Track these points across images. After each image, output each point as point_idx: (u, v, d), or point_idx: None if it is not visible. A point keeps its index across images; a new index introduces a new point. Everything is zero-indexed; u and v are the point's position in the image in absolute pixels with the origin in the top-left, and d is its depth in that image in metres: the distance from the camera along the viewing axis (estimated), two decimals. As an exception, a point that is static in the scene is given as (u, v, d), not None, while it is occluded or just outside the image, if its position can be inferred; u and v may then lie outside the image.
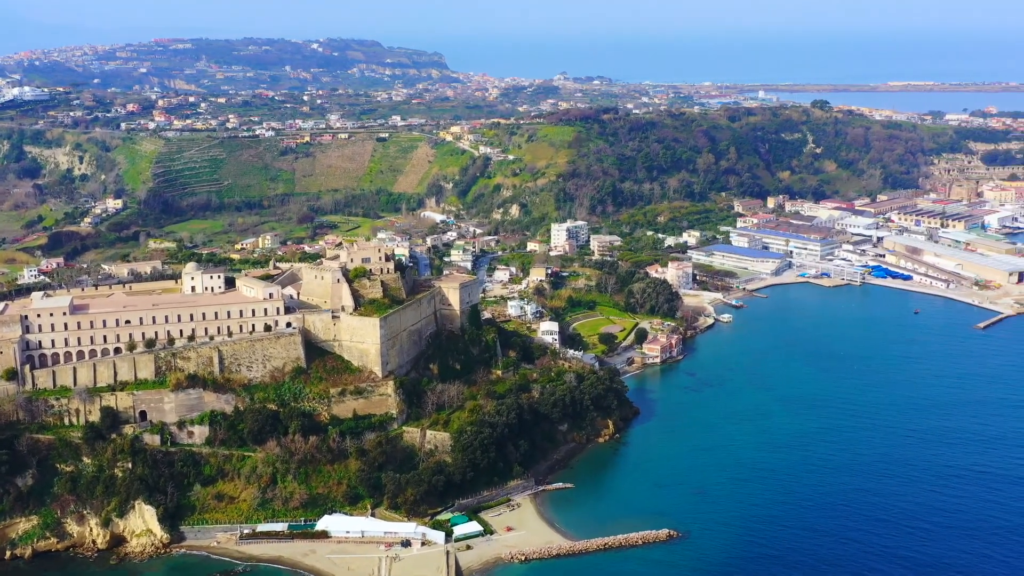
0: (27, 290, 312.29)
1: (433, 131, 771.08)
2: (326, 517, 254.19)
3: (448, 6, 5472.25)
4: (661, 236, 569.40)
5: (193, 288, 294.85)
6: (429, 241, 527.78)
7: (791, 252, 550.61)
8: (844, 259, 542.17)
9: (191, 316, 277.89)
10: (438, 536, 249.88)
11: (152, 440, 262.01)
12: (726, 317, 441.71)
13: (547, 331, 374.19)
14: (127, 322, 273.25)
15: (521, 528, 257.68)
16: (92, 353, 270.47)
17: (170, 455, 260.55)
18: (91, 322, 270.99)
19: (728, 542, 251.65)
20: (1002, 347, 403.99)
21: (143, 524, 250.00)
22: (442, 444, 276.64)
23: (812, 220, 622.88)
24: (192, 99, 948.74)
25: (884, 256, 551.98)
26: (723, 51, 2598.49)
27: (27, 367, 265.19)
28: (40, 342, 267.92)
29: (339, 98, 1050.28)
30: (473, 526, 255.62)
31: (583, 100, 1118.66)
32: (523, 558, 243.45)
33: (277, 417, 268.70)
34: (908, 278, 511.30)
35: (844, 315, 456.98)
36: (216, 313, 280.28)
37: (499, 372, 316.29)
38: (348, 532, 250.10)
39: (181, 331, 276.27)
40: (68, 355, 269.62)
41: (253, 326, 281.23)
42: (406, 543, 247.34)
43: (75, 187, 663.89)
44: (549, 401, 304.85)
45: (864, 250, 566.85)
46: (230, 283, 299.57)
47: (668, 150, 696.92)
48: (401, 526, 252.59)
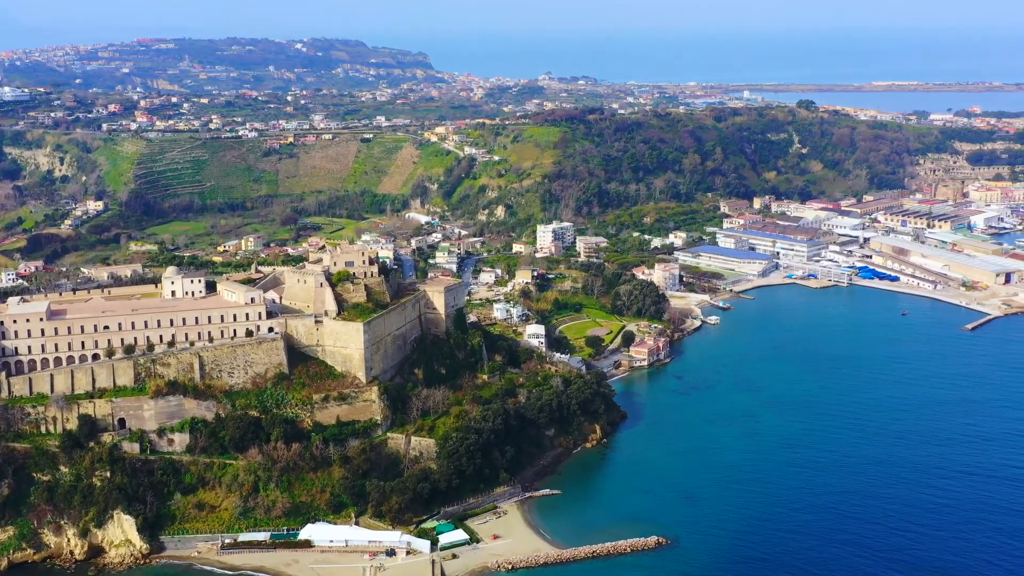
0: (4, 294, 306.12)
1: (418, 132, 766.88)
2: (309, 526, 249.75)
3: (433, 5, 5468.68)
4: (647, 237, 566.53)
5: (173, 293, 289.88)
6: (414, 243, 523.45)
7: (778, 253, 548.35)
8: (831, 260, 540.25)
9: (171, 321, 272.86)
10: (423, 545, 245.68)
11: (131, 448, 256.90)
12: (713, 319, 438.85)
13: (533, 334, 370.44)
14: (106, 328, 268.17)
15: (508, 536, 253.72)
16: (70, 360, 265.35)
17: (149, 463, 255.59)
18: (68, 328, 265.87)
19: (718, 549, 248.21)
20: (990, 348, 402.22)
21: (122, 534, 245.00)
22: (427, 450, 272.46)
23: (799, 221, 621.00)
24: (175, 99, 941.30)
25: (871, 257, 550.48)
26: (708, 51, 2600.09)
27: (3, 374, 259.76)
28: (16, 348, 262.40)
29: (323, 98, 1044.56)
30: (459, 534, 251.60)
31: (568, 100, 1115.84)
32: (510, 567, 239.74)
33: (259, 424, 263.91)
34: (895, 279, 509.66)
35: (832, 317, 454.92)
36: (196, 318, 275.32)
37: (485, 376, 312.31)
38: (332, 541, 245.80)
39: (161, 337, 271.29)
40: (45, 362, 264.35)
41: (235, 331, 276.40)
42: (391, 552, 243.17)
43: (56, 189, 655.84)
44: (536, 406, 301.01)
45: (851, 251, 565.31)
46: (211, 287, 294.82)
47: (654, 150, 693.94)
48: (386, 535, 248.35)
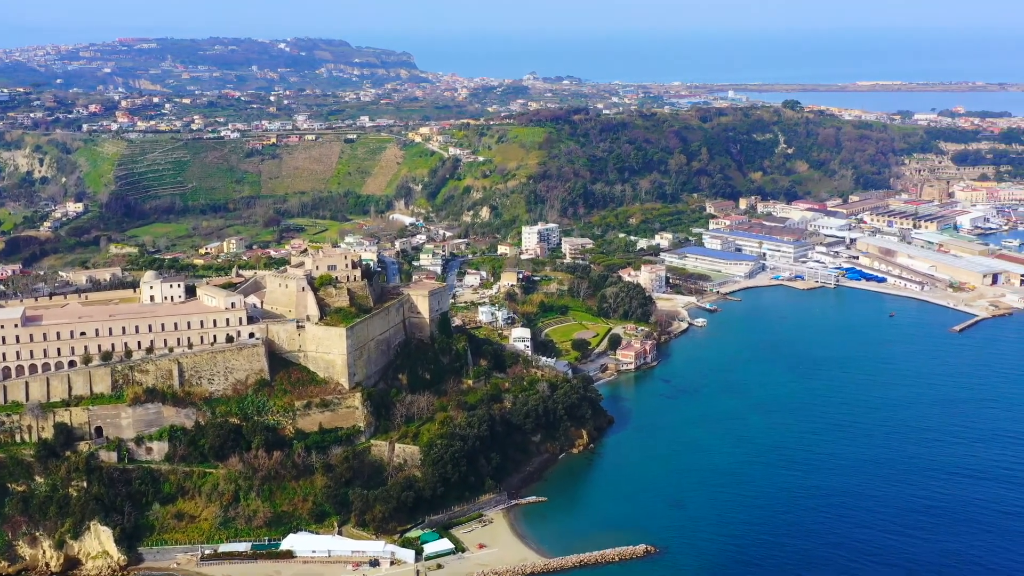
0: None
1: (402, 132, 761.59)
2: (291, 536, 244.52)
3: (417, 5, 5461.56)
4: (633, 238, 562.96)
5: (152, 298, 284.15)
6: (398, 245, 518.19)
7: (764, 254, 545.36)
8: (818, 261, 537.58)
9: (149, 327, 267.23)
10: (408, 555, 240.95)
11: (108, 457, 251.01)
12: (700, 321, 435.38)
13: (519, 338, 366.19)
14: (82, 334, 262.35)
15: (494, 545, 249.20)
16: (45, 367, 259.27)
17: (127, 473, 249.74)
18: (44, 334, 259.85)
19: (707, 557, 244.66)
20: (979, 350, 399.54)
21: (99, 546, 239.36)
22: (411, 458, 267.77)
23: (785, 221, 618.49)
24: (156, 100, 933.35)
25: (858, 258, 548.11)
26: (692, 51, 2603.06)
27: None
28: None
29: (306, 98, 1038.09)
30: (444, 543, 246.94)
31: (553, 100, 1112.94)
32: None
33: (240, 432, 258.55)
34: (882, 280, 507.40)
35: (819, 318, 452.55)
36: (176, 324, 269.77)
37: (470, 382, 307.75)
38: (314, 551, 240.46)
39: (139, 343, 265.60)
40: (20, 369, 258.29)
41: (214, 337, 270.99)
42: (374, 562, 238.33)
43: (35, 190, 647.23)
44: (521, 411, 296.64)
45: (837, 252, 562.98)
46: (191, 292, 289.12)
47: (639, 151, 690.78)
48: (369, 544, 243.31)
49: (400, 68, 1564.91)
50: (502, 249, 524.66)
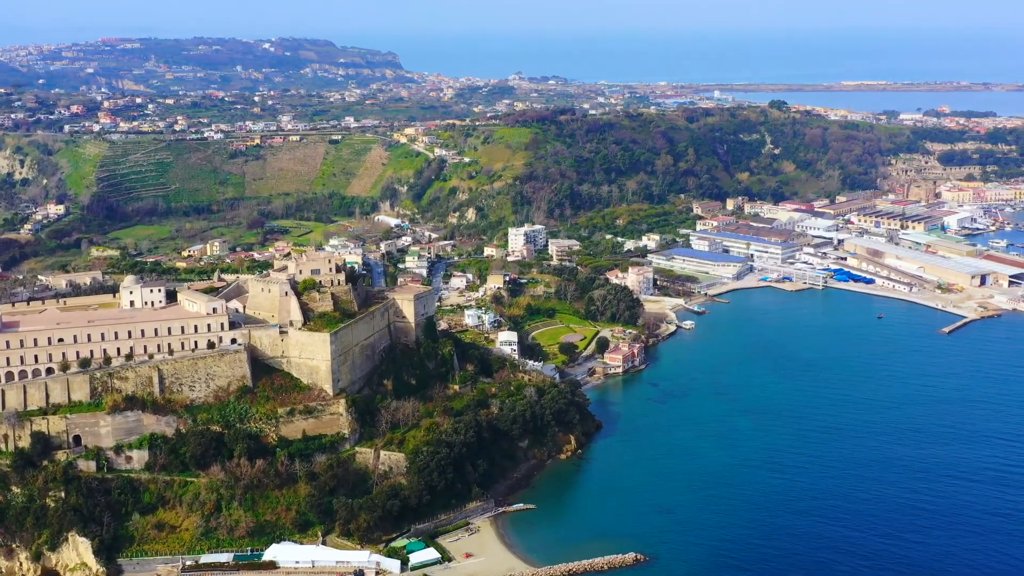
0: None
1: (387, 133, 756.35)
2: (274, 546, 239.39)
3: (403, 5, 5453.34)
4: (620, 240, 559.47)
5: (132, 303, 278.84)
6: (383, 247, 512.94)
7: (752, 255, 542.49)
8: (806, 262, 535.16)
9: (129, 333, 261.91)
10: (393, 565, 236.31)
11: (87, 466, 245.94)
12: (688, 324, 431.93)
13: (506, 341, 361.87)
14: (60, 340, 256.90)
15: (481, 554, 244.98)
16: (22, 374, 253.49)
17: (106, 482, 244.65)
18: (21, 341, 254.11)
19: (698, 565, 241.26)
20: (969, 353, 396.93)
21: (77, 557, 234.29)
22: (397, 465, 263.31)
23: (772, 222, 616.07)
24: (139, 100, 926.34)
25: (845, 259, 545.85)
26: (677, 50, 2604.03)
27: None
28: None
29: (291, 99, 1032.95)
30: (430, 553, 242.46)
31: (539, 100, 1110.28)
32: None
33: (221, 440, 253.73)
34: (870, 281, 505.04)
35: (808, 320, 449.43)
36: (156, 330, 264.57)
37: (456, 387, 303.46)
38: (297, 562, 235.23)
39: (118, 349, 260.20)
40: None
41: (196, 343, 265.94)
42: (359, 573, 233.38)
43: (15, 192, 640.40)
44: (509, 417, 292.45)
45: (825, 253, 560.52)
46: (171, 297, 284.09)
47: (626, 152, 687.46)
48: (354, 555, 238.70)
49: (385, 68, 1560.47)
50: (488, 251, 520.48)
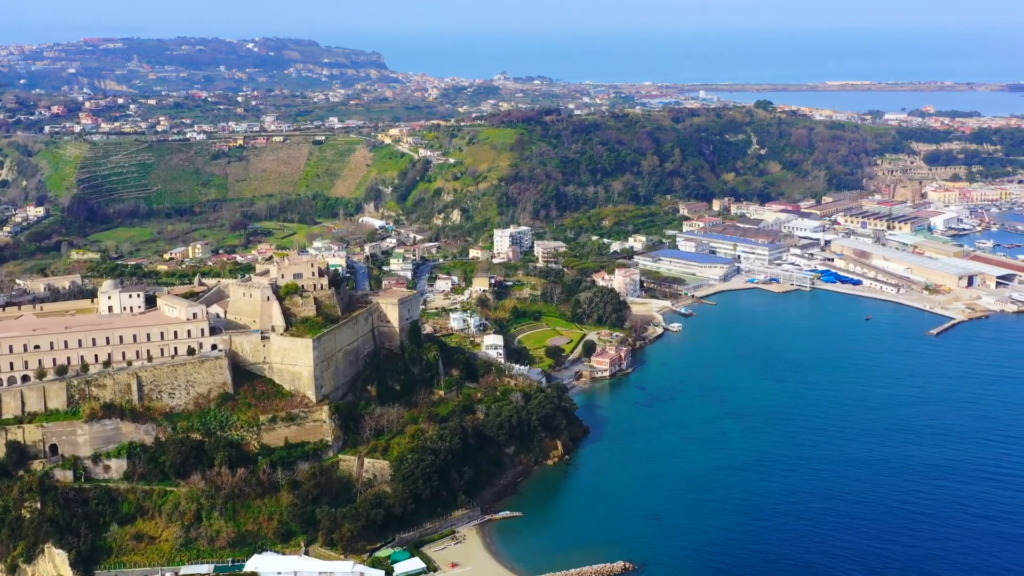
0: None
1: (371, 133, 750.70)
2: (256, 557, 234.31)
3: (387, 4, 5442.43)
4: (606, 241, 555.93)
5: (110, 308, 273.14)
6: (367, 249, 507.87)
7: (739, 257, 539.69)
8: (793, 263, 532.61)
9: (107, 339, 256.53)
10: (377, 575, 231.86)
11: (64, 476, 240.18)
12: (675, 326, 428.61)
13: (491, 345, 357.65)
14: (36, 347, 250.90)
15: (467, 563, 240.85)
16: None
17: (84, 492, 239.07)
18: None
19: (686, 573, 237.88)
20: (958, 355, 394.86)
21: (53, 570, 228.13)
22: (381, 473, 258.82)
23: (759, 223, 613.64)
24: (121, 101, 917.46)
25: (832, 260, 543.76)
26: (662, 51, 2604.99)
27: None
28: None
29: (275, 99, 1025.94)
30: (415, 563, 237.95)
31: (524, 100, 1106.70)
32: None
33: (202, 448, 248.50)
34: (858, 283, 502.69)
35: (795, 322, 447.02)
36: (135, 336, 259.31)
37: (441, 392, 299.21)
38: (280, 573, 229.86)
39: (96, 356, 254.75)
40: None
41: (175, 349, 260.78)
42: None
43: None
44: (495, 423, 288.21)
45: (812, 254, 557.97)
46: (151, 302, 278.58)
47: (612, 152, 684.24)
48: (337, 565, 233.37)
49: (370, 68, 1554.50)
50: (474, 253, 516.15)
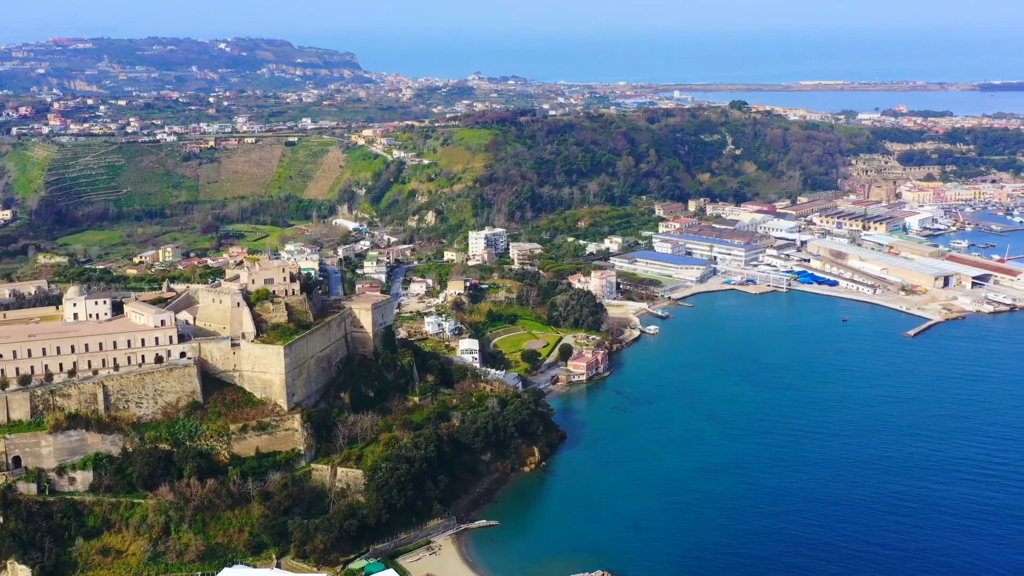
0: None
1: (345, 134, 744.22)
2: (226, 570, 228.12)
3: (361, 4, 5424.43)
4: (582, 242, 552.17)
5: (75, 316, 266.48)
6: (341, 252, 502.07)
7: (715, 258, 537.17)
8: (769, 264, 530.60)
9: (72, 348, 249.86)
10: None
11: (27, 489, 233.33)
12: (652, 329, 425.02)
13: (467, 349, 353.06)
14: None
15: (442, 574, 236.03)
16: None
17: (48, 506, 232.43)
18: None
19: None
20: (935, 356, 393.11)
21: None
22: (354, 482, 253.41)
23: (735, 224, 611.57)
24: (90, 101, 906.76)
25: (809, 261, 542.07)
26: (635, 50, 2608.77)
27: None
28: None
29: (247, 99, 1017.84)
30: (390, 574, 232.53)
31: (498, 100, 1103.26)
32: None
33: (170, 458, 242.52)
34: (834, 284, 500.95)
35: (772, 324, 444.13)
36: (101, 344, 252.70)
37: (416, 399, 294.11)
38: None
39: (61, 365, 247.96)
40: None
41: (143, 357, 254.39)
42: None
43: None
44: (470, 430, 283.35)
45: (788, 254, 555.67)
46: (117, 309, 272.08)
47: (587, 153, 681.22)
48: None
49: (343, 68, 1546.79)
50: (448, 255, 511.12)
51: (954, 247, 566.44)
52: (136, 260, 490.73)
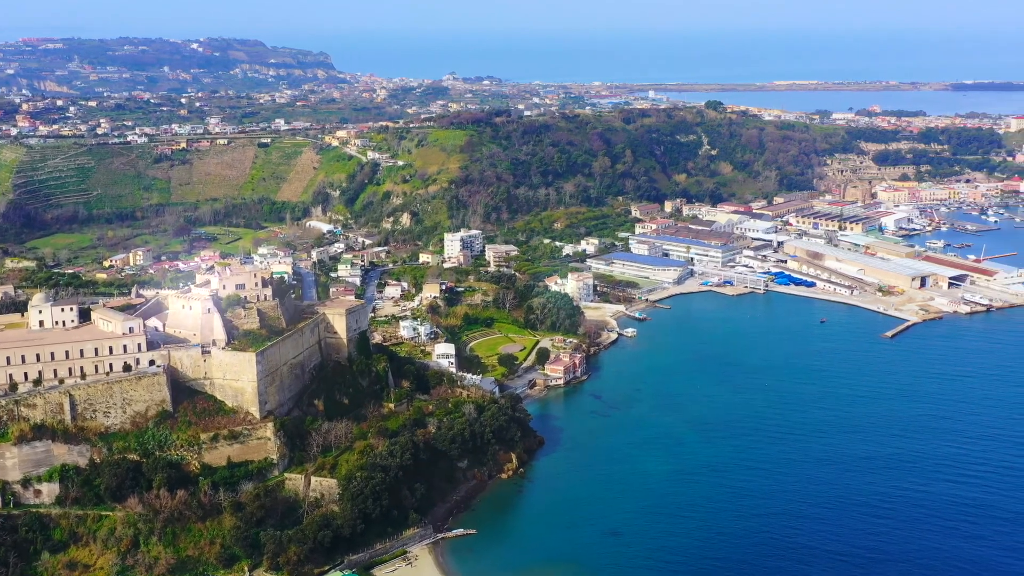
0: None
1: (319, 135, 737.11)
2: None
3: (334, 4, 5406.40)
4: (559, 244, 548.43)
5: (41, 323, 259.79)
6: (315, 254, 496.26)
7: (692, 259, 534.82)
8: (746, 266, 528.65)
9: (37, 356, 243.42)
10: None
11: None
12: (630, 331, 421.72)
13: (443, 354, 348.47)
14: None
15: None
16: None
17: (12, 519, 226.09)
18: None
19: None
20: (913, 357, 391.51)
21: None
22: (329, 492, 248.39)
23: (711, 225, 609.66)
24: (60, 103, 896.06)
25: (786, 262, 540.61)
26: (611, 51, 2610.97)
27: None
28: None
29: (219, 100, 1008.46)
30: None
31: (473, 101, 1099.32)
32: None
33: (139, 469, 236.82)
34: (811, 285, 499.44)
35: (750, 326, 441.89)
36: (67, 352, 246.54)
37: (391, 405, 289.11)
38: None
39: (26, 374, 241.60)
40: None
41: (111, 365, 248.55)
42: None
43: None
44: (447, 437, 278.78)
45: (765, 255, 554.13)
46: (85, 315, 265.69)
47: (563, 154, 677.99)
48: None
49: (317, 69, 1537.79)
50: (424, 257, 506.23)
51: (930, 247, 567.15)
52: (106, 264, 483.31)
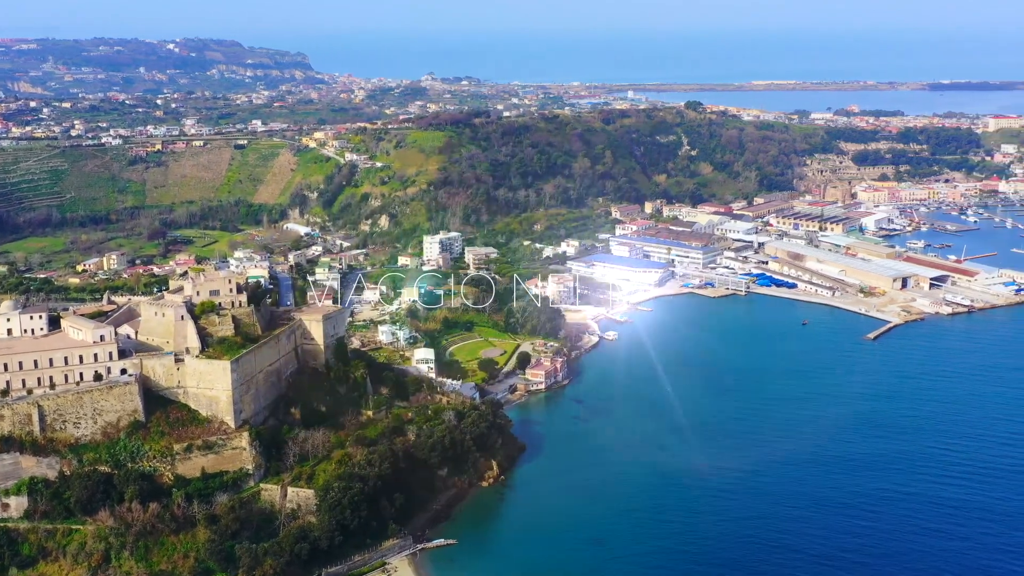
0: None
1: (296, 137, 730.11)
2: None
3: (312, 4, 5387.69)
4: (539, 246, 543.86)
5: (9, 331, 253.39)
6: (292, 257, 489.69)
7: (673, 261, 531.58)
8: (727, 267, 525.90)
9: (4, 366, 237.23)
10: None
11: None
12: (611, 335, 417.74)
13: (422, 359, 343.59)
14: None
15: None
16: None
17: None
18: None
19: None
20: (895, 359, 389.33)
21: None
22: (306, 503, 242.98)
23: (692, 226, 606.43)
24: (33, 104, 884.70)
25: (767, 263, 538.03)
26: (590, 50, 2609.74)
27: None
28: None
29: (196, 101, 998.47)
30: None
31: (452, 101, 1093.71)
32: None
33: (111, 481, 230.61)
34: (793, 286, 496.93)
35: (732, 328, 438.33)
36: (36, 361, 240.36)
37: (370, 413, 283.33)
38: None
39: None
40: None
41: (81, 375, 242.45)
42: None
43: None
44: (427, 444, 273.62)
45: (746, 256, 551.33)
46: (54, 323, 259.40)
47: (543, 155, 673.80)
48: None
49: (295, 69, 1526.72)
50: (403, 260, 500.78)
51: (910, 247, 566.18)
52: (79, 268, 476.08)
